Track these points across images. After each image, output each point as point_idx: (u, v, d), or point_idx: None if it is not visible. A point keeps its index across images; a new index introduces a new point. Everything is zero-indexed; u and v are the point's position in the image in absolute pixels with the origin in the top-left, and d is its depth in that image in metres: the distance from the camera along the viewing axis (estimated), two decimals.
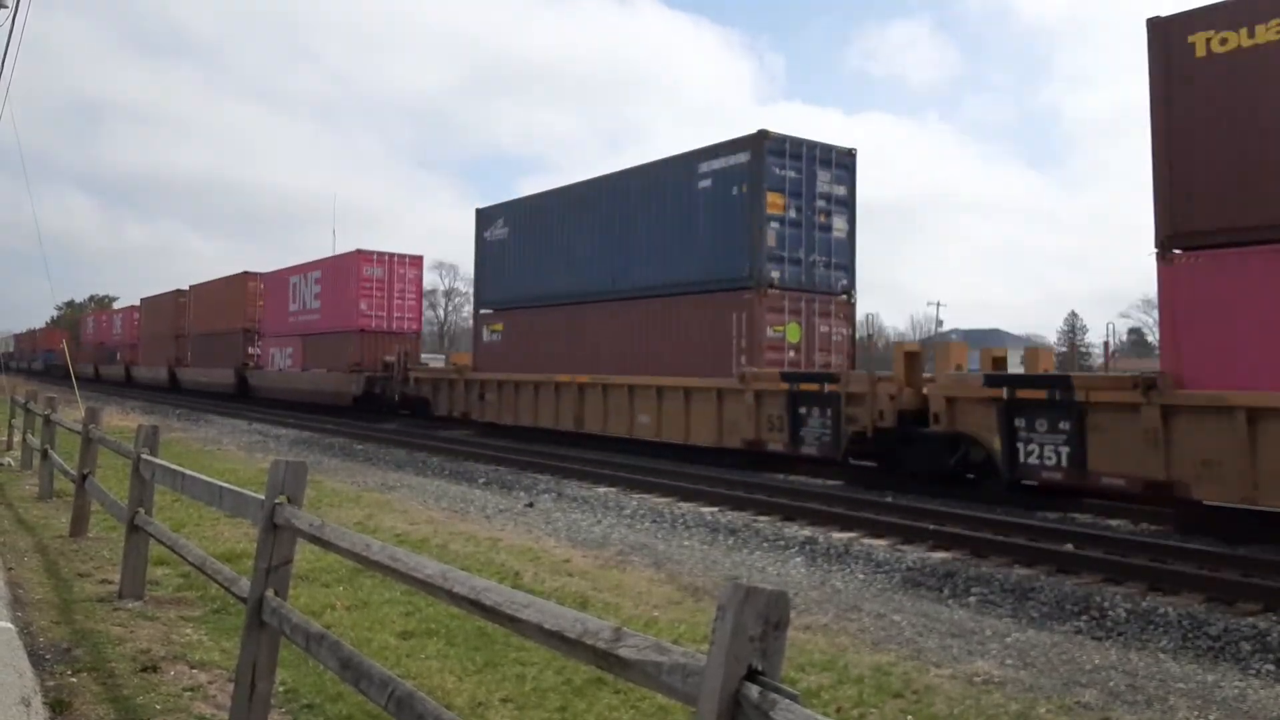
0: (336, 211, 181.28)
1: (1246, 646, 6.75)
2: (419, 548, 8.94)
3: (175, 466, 6.43)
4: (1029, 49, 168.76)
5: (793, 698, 1.76)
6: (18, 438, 17.00)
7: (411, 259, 32.91)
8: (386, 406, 30.02)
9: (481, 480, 16.13)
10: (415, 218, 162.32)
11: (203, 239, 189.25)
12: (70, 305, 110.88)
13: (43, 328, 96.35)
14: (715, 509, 13.02)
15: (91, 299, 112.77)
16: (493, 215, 26.06)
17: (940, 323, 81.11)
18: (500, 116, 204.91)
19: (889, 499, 13.48)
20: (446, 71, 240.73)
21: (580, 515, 12.50)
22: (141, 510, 6.97)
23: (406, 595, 6.87)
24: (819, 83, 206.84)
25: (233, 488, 4.89)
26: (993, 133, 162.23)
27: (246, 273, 40.25)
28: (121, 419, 25.29)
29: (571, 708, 4.93)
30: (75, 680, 5.13)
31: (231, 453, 19.68)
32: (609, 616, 6.53)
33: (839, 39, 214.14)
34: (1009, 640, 6.84)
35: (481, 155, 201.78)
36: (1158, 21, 11.22)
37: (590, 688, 5.16)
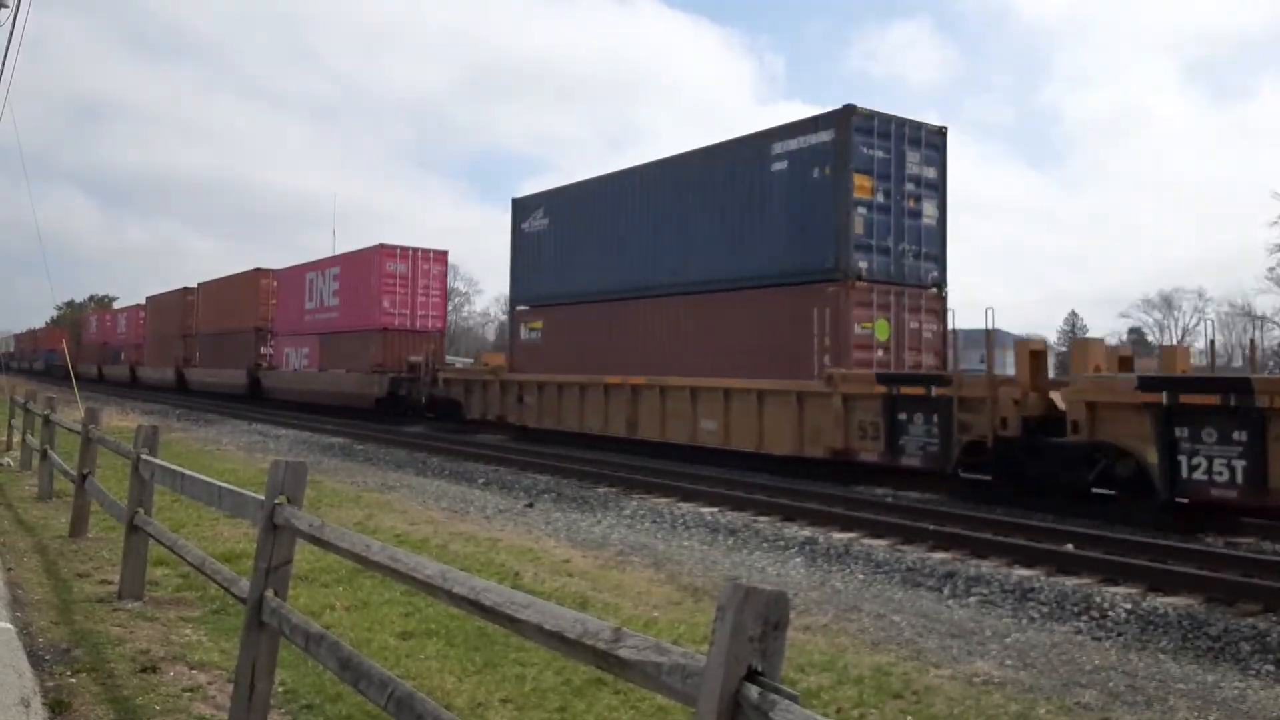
0: (336, 211, 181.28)
1: (1246, 647, 6.76)
2: (419, 548, 8.94)
3: (175, 467, 6.43)
4: (1029, 49, 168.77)
5: (792, 698, 1.76)
6: (17, 438, 17.00)
7: (436, 254, 31.21)
8: (412, 409, 28.48)
9: (481, 480, 16.13)
10: (416, 218, 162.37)
11: (203, 239, 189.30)
12: (70, 305, 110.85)
13: (44, 327, 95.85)
14: (715, 509, 13.01)
15: (91, 299, 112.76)
16: (531, 205, 24.15)
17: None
18: (500, 117, 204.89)
19: (889, 499, 13.49)
20: (446, 71, 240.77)
21: (580, 515, 12.51)
22: (141, 510, 6.97)
23: (406, 595, 6.87)
24: (819, 83, 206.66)
25: (232, 488, 4.89)
26: (992, 133, 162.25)
27: (259, 269, 38.58)
28: (121, 419, 25.29)
29: (571, 708, 4.93)
30: (75, 681, 5.13)
31: (231, 453, 19.69)
32: (609, 617, 6.53)
33: (839, 39, 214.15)
34: (1009, 641, 6.84)
35: (481, 155, 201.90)
36: None
37: (590, 688, 5.16)
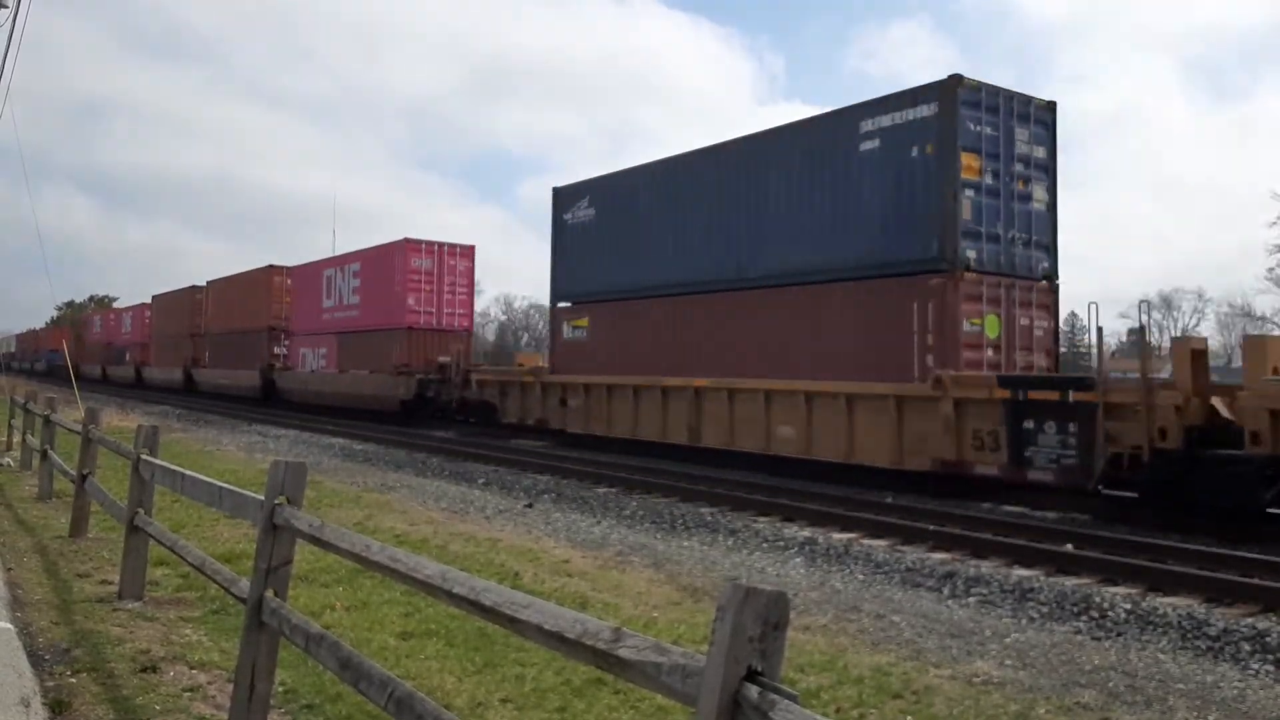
0: (336, 212, 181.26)
1: (1246, 646, 6.76)
2: (418, 548, 8.94)
3: (175, 467, 6.43)
4: (1029, 49, 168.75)
5: (792, 698, 1.76)
6: (17, 438, 17.00)
7: (463, 249, 29.47)
8: (441, 412, 27.10)
9: (481, 481, 16.13)
10: (416, 218, 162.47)
11: (202, 239, 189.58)
12: (70, 305, 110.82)
13: (45, 327, 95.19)
14: (715, 509, 13.02)
15: (91, 299, 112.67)
16: (575, 194, 22.43)
17: None
18: (500, 117, 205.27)
19: (888, 499, 13.48)
20: (446, 71, 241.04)
21: (580, 516, 12.51)
22: (141, 511, 6.97)
23: (406, 596, 6.87)
24: (819, 82, 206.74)
25: (232, 488, 4.89)
26: None
27: (272, 266, 37.20)
28: (122, 419, 25.29)
29: (571, 708, 4.93)
30: (75, 681, 5.13)
31: (231, 453, 19.68)
32: (608, 617, 6.53)
33: (838, 39, 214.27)
34: (1008, 641, 6.84)
35: (482, 155, 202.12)
36: None
37: (590, 688, 5.16)
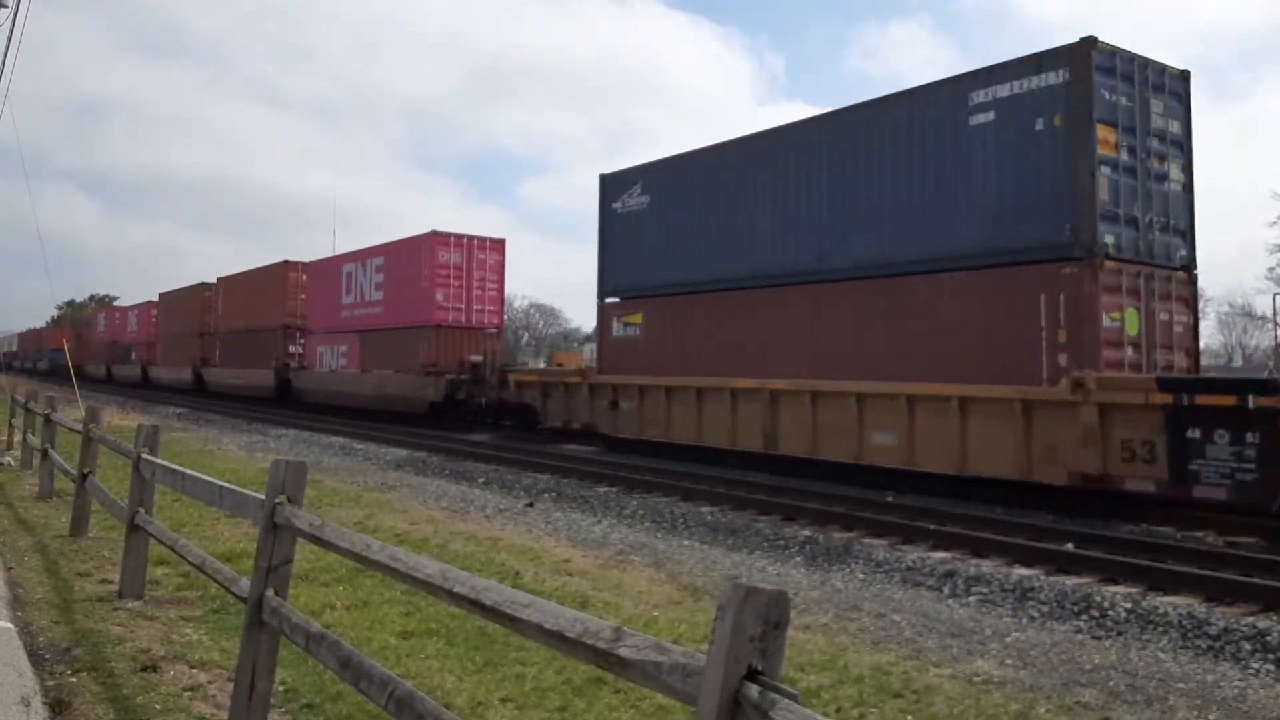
0: (336, 212, 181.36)
1: (1246, 646, 6.76)
2: (419, 547, 8.94)
3: (175, 466, 6.43)
4: (1029, 49, 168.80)
5: (792, 697, 1.76)
6: (18, 437, 17.00)
7: (493, 242, 27.99)
8: (475, 415, 25.79)
9: (481, 480, 16.13)
10: (416, 217, 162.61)
11: (202, 239, 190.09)
12: (70, 305, 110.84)
13: (47, 326, 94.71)
14: (715, 509, 13.01)
15: (92, 299, 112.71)
16: (626, 181, 20.71)
17: None
18: (500, 116, 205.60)
19: (889, 498, 13.48)
20: (446, 71, 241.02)
21: (580, 515, 12.52)
22: (141, 510, 6.97)
23: (406, 595, 6.88)
24: (819, 82, 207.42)
25: (233, 487, 4.89)
26: None
27: (287, 262, 35.79)
28: (123, 419, 25.29)
29: (571, 707, 4.93)
30: (75, 680, 5.13)
31: (232, 452, 19.69)
32: (609, 616, 6.53)
33: (838, 39, 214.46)
34: (1009, 640, 6.84)
35: (482, 155, 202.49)
36: None
37: (590, 687, 5.16)
